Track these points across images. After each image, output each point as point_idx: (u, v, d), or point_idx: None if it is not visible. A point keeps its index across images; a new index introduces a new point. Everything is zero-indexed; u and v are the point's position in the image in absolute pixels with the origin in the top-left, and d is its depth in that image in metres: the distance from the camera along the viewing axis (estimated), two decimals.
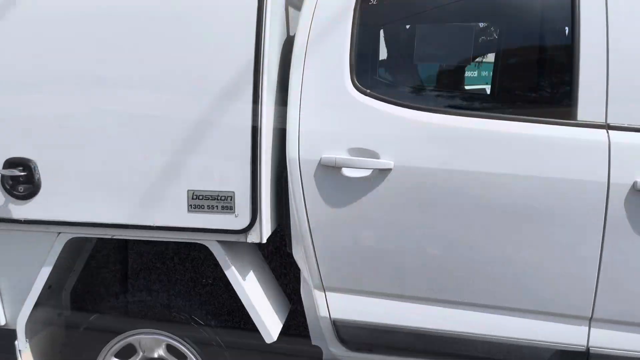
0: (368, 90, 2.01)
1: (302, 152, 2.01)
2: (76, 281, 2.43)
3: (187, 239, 2.09)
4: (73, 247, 2.20)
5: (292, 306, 2.44)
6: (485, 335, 2.05)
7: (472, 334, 2.06)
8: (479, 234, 1.96)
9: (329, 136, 2.01)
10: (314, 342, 2.28)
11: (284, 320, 2.28)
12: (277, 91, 2.05)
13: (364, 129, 1.99)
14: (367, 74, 2.10)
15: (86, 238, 2.20)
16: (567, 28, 1.97)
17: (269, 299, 2.25)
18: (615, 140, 1.86)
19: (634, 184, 1.83)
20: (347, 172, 1.99)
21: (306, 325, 2.24)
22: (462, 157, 1.93)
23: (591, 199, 1.87)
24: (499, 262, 1.98)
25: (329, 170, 2.00)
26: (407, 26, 2.27)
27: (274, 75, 2.03)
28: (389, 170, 1.96)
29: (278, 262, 2.51)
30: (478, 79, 2.21)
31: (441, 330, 2.08)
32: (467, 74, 2.18)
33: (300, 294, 2.20)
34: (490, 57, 2.23)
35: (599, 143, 1.87)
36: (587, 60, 1.89)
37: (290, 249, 2.15)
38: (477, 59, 2.23)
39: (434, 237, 2.00)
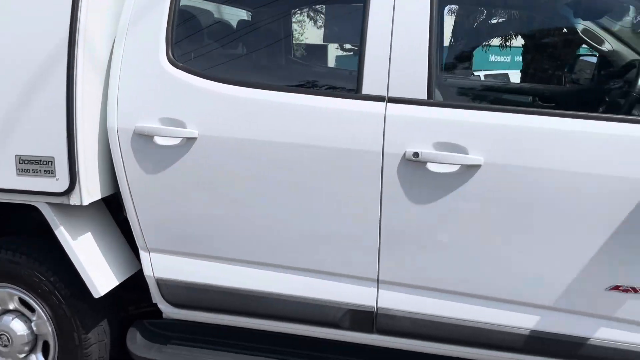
0: (180, 64, 2.16)
1: (120, 122, 2.17)
2: None
3: (19, 200, 2.27)
4: None
5: None
6: (287, 295, 2.19)
7: (277, 293, 2.20)
8: (273, 200, 2.10)
9: (143, 106, 2.16)
10: (153, 301, 2.45)
11: (122, 279, 2.44)
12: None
13: (173, 100, 2.14)
14: (184, 48, 2.24)
15: None
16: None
17: (106, 258, 2.41)
18: (390, 113, 1.97)
19: (405, 154, 1.95)
20: (158, 140, 2.15)
21: None
22: (256, 127, 2.07)
23: (369, 167, 1.99)
24: (293, 227, 2.12)
25: (143, 139, 2.16)
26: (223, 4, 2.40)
27: (98, 49, 2.18)
28: (195, 139, 2.11)
29: None
30: (280, 55, 2.34)
31: (249, 289, 2.22)
32: (268, 49, 2.30)
33: None
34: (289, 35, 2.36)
35: (377, 115, 1.98)
36: (373, 37, 2.00)
37: (126, 213, 2.32)
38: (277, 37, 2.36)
39: (236, 202, 2.15)
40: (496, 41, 4.12)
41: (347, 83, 2.05)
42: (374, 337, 2.16)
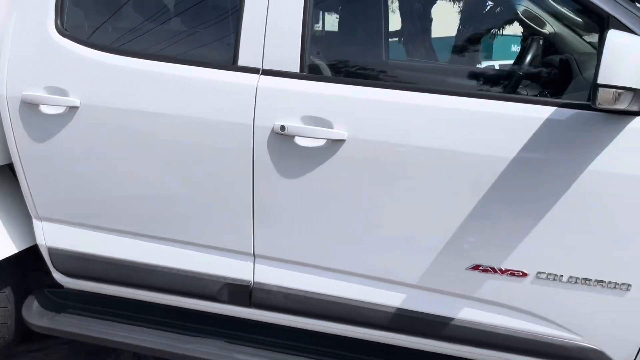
0: (68, 33, 2.16)
1: (8, 90, 2.18)
2: None
3: None
4: None
5: None
6: (167, 267, 2.19)
7: (157, 265, 2.21)
8: (151, 172, 2.10)
9: (30, 75, 2.17)
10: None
11: (22, 247, 2.45)
12: None
13: (58, 69, 2.15)
14: (73, 17, 2.23)
15: None
16: None
17: (5, 225, 2.42)
18: (262, 85, 1.96)
19: (273, 127, 1.93)
20: (43, 109, 2.15)
21: None
22: (133, 97, 2.07)
23: (241, 140, 1.98)
24: (171, 199, 2.12)
25: (29, 108, 2.17)
26: None
27: None
28: (77, 107, 2.11)
29: None
30: (165, 24, 2.33)
31: (131, 260, 2.23)
32: (154, 19, 2.30)
33: None
34: (171, 5, 2.34)
35: (250, 87, 1.97)
36: (249, 9, 1.98)
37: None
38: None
39: (116, 173, 2.15)
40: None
41: (226, 54, 2.04)
42: (251, 312, 2.16)
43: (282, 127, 1.92)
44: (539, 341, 1.87)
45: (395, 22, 2.06)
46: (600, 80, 1.44)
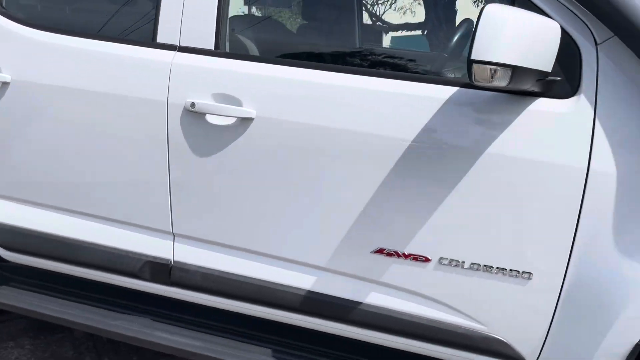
0: (3, 9, 2.20)
1: None
2: None
3: None
4: None
5: None
6: (93, 243, 2.22)
7: (85, 241, 2.23)
8: (77, 148, 2.12)
9: None
10: None
11: None
12: None
13: None
14: None
15: None
16: None
17: None
18: (176, 62, 1.95)
19: (185, 105, 1.93)
20: None
21: None
22: (59, 73, 2.09)
23: (156, 118, 1.98)
24: (94, 174, 2.14)
25: None
26: None
27: None
28: (8, 84, 2.15)
29: None
30: (91, 3, 2.34)
31: (61, 235, 2.26)
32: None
33: None
34: None
35: (166, 64, 1.97)
36: None
37: None
38: None
39: (45, 148, 2.18)
40: None
41: (147, 31, 2.04)
42: (171, 290, 2.16)
43: (192, 104, 1.91)
44: (444, 329, 1.81)
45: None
46: (473, 56, 1.38)
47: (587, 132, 1.56)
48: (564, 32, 1.57)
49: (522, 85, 1.47)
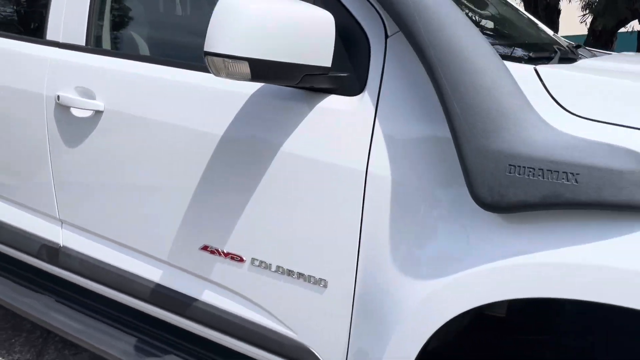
0: None
1: None
2: None
3: None
4: None
5: None
6: (5, 223, 2.41)
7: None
8: None
9: None
10: None
11: None
12: None
13: None
14: None
15: None
16: None
17: None
18: (53, 57, 2.07)
19: (55, 98, 2.04)
20: None
21: None
22: None
23: (38, 110, 2.12)
24: None
25: None
26: None
27: None
28: None
29: None
30: None
31: None
32: None
33: None
34: None
35: (46, 59, 2.10)
36: None
37: None
38: None
39: None
40: None
41: (40, 28, 2.18)
42: (62, 272, 2.29)
43: (58, 97, 2.01)
44: (262, 333, 1.76)
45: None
46: (206, 48, 1.33)
47: (368, 132, 1.44)
48: (355, 23, 1.47)
49: (291, 81, 1.40)
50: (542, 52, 1.83)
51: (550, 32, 2.46)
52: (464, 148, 1.21)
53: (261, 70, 1.33)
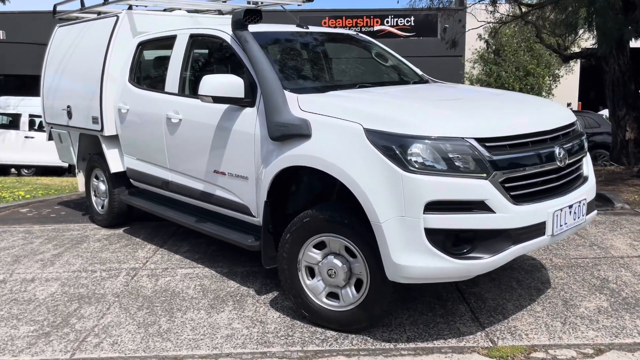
0: None
1: None
2: None
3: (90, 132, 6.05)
4: None
5: None
6: None
7: None
8: None
9: None
10: None
11: None
12: None
13: None
14: None
15: None
16: None
17: None
18: (165, 98, 5.02)
19: (167, 115, 4.97)
20: None
21: None
22: None
23: (160, 120, 5.04)
24: None
25: None
26: None
27: None
28: None
29: None
30: None
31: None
32: None
33: None
34: None
35: (163, 99, 5.04)
36: None
37: None
38: None
39: None
40: None
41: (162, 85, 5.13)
42: (170, 194, 5.17)
43: (167, 115, 4.92)
44: (230, 201, 4.44)
45: None
46: (199, 92, 4.08)
47: (254, 119, 4.12)
48: (252, 80, 4.22)
49: (234, 103, 4.14)
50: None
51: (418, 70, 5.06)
52: (268, 119, 3.83)
53: (219, 99, 4.07)
